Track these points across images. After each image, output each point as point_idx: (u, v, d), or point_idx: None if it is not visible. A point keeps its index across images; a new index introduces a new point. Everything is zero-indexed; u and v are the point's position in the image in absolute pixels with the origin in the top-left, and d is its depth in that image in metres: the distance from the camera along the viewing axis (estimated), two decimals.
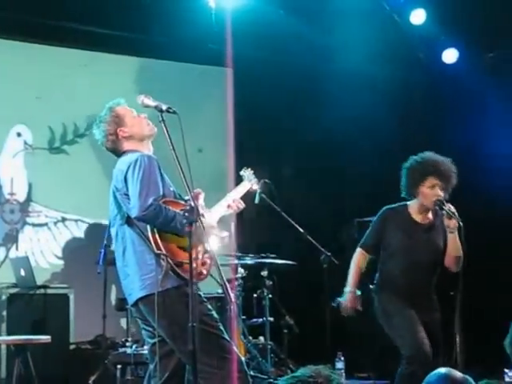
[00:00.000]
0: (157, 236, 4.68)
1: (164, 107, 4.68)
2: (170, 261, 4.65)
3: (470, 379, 3.35)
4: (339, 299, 5.93)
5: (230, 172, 9.24)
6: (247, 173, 5.76)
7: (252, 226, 8.45)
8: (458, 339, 8.24)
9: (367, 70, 9.33)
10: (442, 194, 5.81)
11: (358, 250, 6.02)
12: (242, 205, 5.33)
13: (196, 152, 9.06)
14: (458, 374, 3.36)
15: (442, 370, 3.43)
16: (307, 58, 9.17)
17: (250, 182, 5.68)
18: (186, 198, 4.54)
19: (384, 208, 6.05)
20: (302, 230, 7.23)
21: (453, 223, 5.73)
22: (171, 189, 4.92)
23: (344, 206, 9.26)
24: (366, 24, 8.81)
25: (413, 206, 5.97)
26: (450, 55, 9.57)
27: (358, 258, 5.98)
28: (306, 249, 7.34)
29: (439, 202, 5.77)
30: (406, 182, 5.93)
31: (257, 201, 7.06)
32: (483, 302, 8.64)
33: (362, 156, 9.28)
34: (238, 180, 9.09)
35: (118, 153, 5.05)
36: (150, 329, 4.91)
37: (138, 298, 4.79)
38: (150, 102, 4.78)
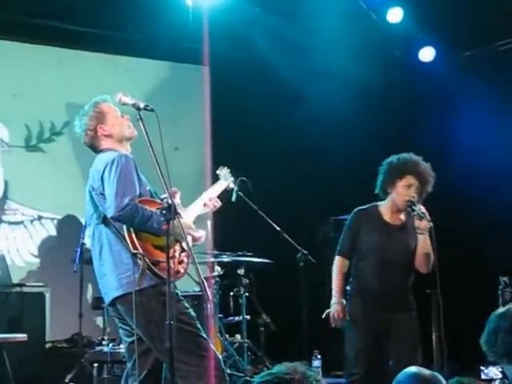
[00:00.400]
0: (133, 235, 4.68)
1: (141, 105, 4.69)
2: (147, 260, 4.66)
3: (440, 376, 3.39)
4: (328, 310, 5.85)
5: (207, 170, 9.23)
6: (224, 171, 5.76)
7: (229, 224, 8.45)
8: (434, 337, 8.33)
9: (344, 69, 9.33)
10: (415, 195, 5.82)
11: (337, 258, 5.95)
12: (218, 203, 5.33)
13: (173, 150, 9.05)
14: (427, 371, 3.40)
15: (412, 368, 3.47)
16: (284, 56, 9.17)
17: (227, 180, 5.68)
18: (163, 196, 4.54)
19: (355, 210, 6.03)
20: (278, 229, 7.24)
21: (423, 224, 5.75)
22: (147, 188, 4.93)
23: (320, 204, 9.27)
24: (344, 23, 8.83)
25: (384, 206, 5.96)
26: (427, 54, 9.61)
27: (339, 266, 5.91)
28: (282, 247, 7.34)
29: (411, 202, 5.77)
30: (384, 177, 5.91)
31: (234, 199, 7.06)
32: (459, 300, 8.70)
33: (339, 154, 9.28)
34: (215, 178, 9.05)
35: (96, 149, 5.05)
36: (127, 327, 4.91)
37: (114, 297, 4.79)
38: (128, 100, 4.79)
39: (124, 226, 4.70)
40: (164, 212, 4.35)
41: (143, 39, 8.81)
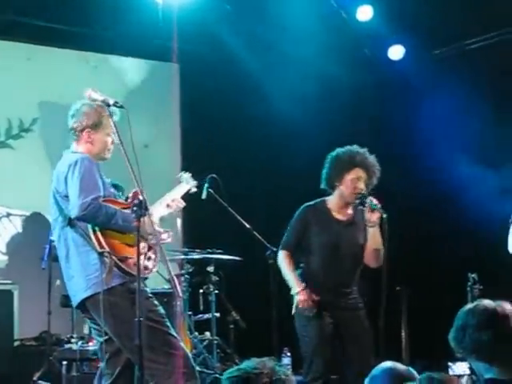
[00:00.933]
0: (99, 234, 4.68)
1: (111, 101, 4.69)
2: (114, 257, 4.65)
3: (413, 370, 3.42)
4: (296, 305, 5.80)
5: (176, 168, 9.22)
6: (186, 176, 5.70)
7: (199, 222, 8.43)
8: (403, 335, 8.38)
9: (314, 67, 9.35)
10: (364, 188, 5.81)
11: (282, 252, 5.92)
12: (182, 204, 5.32)
13: (142, 147, 9.01)
14: (401, 366, 3.45)
15: (387, 363, 3.51)
16: (253, 54, 9.17)
17: (189, 184, 5.63)
18: (132, 192, 4.54)
19: (303, 206, 6.00)
20: (248, 226, 7.24)
21: (375, 217, 5.73)
22: (111, 190, 4.94)
23: (291, 201, 9.26)
24: (314, 20, 8.84)
25: (332, 201, 5.94)
26: (397, 52, 9.64)
27: (287, 259, 5.88)
28: (252, 244, 7.34)
29: (362, 195, 5.77)
30: (330, 171, 5.89)
31: (204, 196, 7.05)
32: (428, 297, 8.76)
33: (308, 152, 9.28)
34: None
35: (72, 138, 5.02)
36: (99, 327, 4.91)
37: (83, 298, 4.79)
38: (97, 96, 4.78)
39: (89, 226, 4.69)
40: (135, 209, 4.34)
41: (113, 36, 8.76)
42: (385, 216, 5.71)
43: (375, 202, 5.73)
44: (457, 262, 8.45)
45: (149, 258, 4.88)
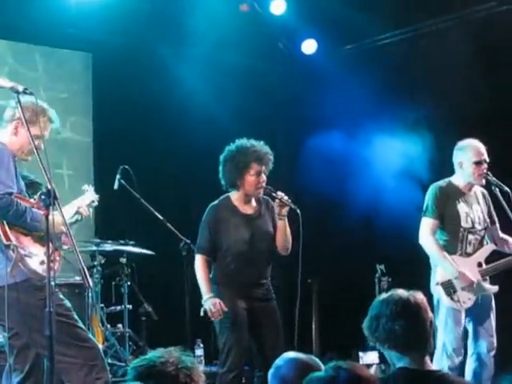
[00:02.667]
0: (5, 226, 4.62)
1: (20, 88, 4.58)
2: (21, 251, 4.59)
3: (317, 360, 3.49)
4: (204, 308, 5.82)
5: (89, 159, 9.12)
6: (89, 188, 5.62)
7: (111, 213, 8.36)
8: (313, 326, 8.48)
9: (227, 59, 9.36)
10: (265, 178, 5.84)
11: (199, 256, 5.91)
12: (86, 212, 5.28)
13: (55, 136, 8.87)
14: (304, 356, 3.53)
15: (290, 353, 3.57)
16: (167, 44, 9.13)
17: (93, 196, 5.58)
18: (42, 190, 4.50)
19: (209, 206, 6.00)
20: (161, 217, 7.22)
21: (284, 210, 5.83)
22: (24, 189, 4.90)
23: (205, 193, 9.25)
24: (227, 13, 8.85)
25: (236, 197, 5.95)
26: (309, 46, 9.72)
27: (202, 265, 5.87)
28: (165, 236, 7.33)
29: (269, 189, 5.84)
30: (229, 173, 5.88)
31: (116, 186, 7.02)
32: (338, 289, 8.87)
33: (222, 146, 9.27)
34: (97, 167, 9.01)
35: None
36: (4, 322, 4.81)
37: None
38: (5, 83, 4.64)
39: None
40: (43, 197, 4.28)
41: (24, 24, 8.59)
42: (298, 211, 5.81)
43: (285, 197, 5.81)
44: (366, 253, 8.58)
45: (53, 261, 4.82)
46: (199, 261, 5.91)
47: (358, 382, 3.01)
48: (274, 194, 5.83)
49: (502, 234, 6.50)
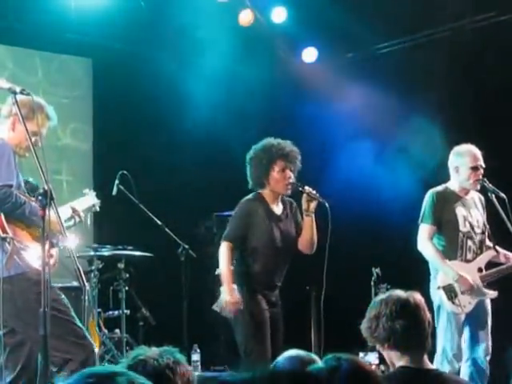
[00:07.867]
0: (2, 218, 4.62)
1: (18, 89, 4.61)
2: (17, 244, 4.60)
3: (315, 356, 3.50)
4: (220, 300, 5.73)
5: (88, 165, 9.12)
6: (90, 192, 5.63)
7: (110, 218, 8.35)
8: (312, 330, 8.45)
9: (228, 67, 9.36)
10: (292, 176, 5.82)
11: (225, 243, 5.80)
12: (78, 218, 5.27)
13: (54, 141, 8.88)
14: (303, 353, 3.54)
15: (291, 352, 3.58)
16: (166, 51, 9.15)
17: (94, 201, 5.58)
18: (40, 190, 4.51)
19: (245, 199, 5.93)
20: (159, 223, 7.23)
21: (313, 205, 5.77)
22: (22, 184, 4.92)
23: (203, 200, 9.27)
24: (228, 21, 8.88)
25: (266, 194, 5.90)
26: (310, 54, 9.72)
27: (228, 252, 5.77)
28: (164, 241, 7.33)
29: (296, 185, 5.79)
30: (255, 171, 5.87)
31: (114, 192, 7.03)
32: (336, 292, 8.84)
33: (222, 152, 9.29)
34: (97, 173, 9.02)
35: None
36: None
37: None
38: (4, 84, 4.69)
39: None
40: (40, 198, 4.29)
41: (24, 28, 8.62)
42: (327, 205, 5.75)
43: (313, 191, 5.75)
44: (362, 257, 8.55)
45: (50, 256, 4.82)
46: (225, 247, 5.78)
47: (361, 371, 3.04)
48: (301, 189, 5.78)
49: (488, 242, 6.50)
